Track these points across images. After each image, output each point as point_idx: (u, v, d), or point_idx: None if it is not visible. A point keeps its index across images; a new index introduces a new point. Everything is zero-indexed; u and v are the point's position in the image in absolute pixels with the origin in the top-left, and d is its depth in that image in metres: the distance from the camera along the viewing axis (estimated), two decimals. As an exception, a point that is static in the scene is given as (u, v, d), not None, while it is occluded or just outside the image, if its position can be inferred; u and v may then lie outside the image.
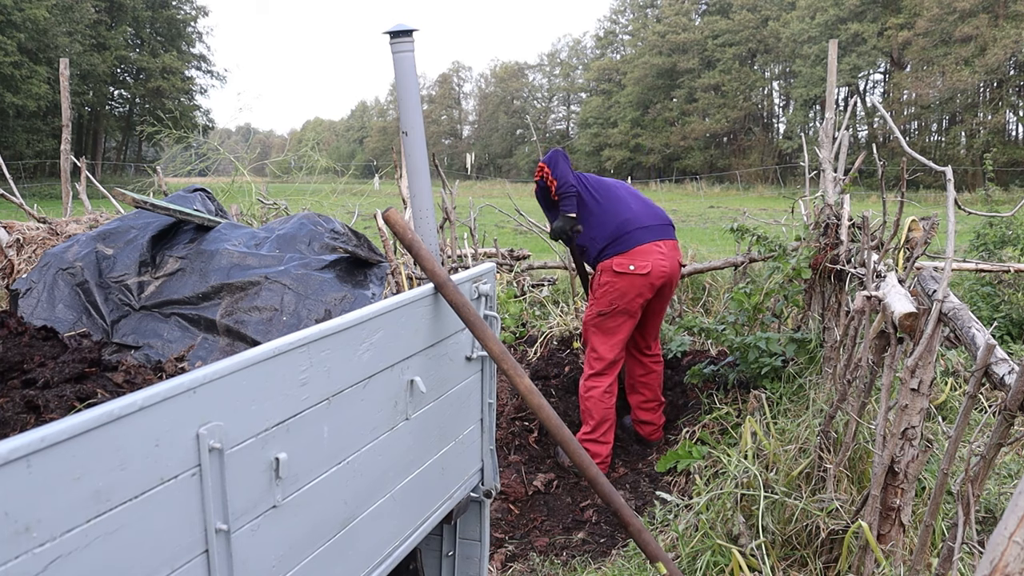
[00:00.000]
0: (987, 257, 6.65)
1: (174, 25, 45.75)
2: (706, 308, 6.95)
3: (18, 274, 3.46)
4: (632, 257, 3.98)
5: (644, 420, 4.37)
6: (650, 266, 3.98)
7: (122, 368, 1.78)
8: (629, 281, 3.98)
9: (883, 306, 2.30)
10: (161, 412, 1.12)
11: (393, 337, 1.72)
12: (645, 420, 4.37)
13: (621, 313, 4.02)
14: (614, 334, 4.06)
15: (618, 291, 3.99)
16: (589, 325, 4.14)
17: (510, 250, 7.84)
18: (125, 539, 1.07)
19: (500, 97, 61.62)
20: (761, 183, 36.16)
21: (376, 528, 1.71)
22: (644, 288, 4.01)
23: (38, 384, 1.61)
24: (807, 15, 40.48)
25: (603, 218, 4.08)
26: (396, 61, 2.21)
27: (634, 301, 4.01)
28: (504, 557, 3.45)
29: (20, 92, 32.98)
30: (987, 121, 35.97)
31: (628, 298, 3.99)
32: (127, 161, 43.82)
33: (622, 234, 4.03)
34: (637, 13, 53.94)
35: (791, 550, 2.65)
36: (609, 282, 4.01)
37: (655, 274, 4.01)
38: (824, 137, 4.62)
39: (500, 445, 4.25)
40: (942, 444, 3.04)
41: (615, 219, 4.06)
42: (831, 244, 3.93)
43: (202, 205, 3.20)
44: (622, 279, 3.97)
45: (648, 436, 4.39)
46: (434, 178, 3.58)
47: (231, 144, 30.38)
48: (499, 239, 9.10)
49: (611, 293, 4.01)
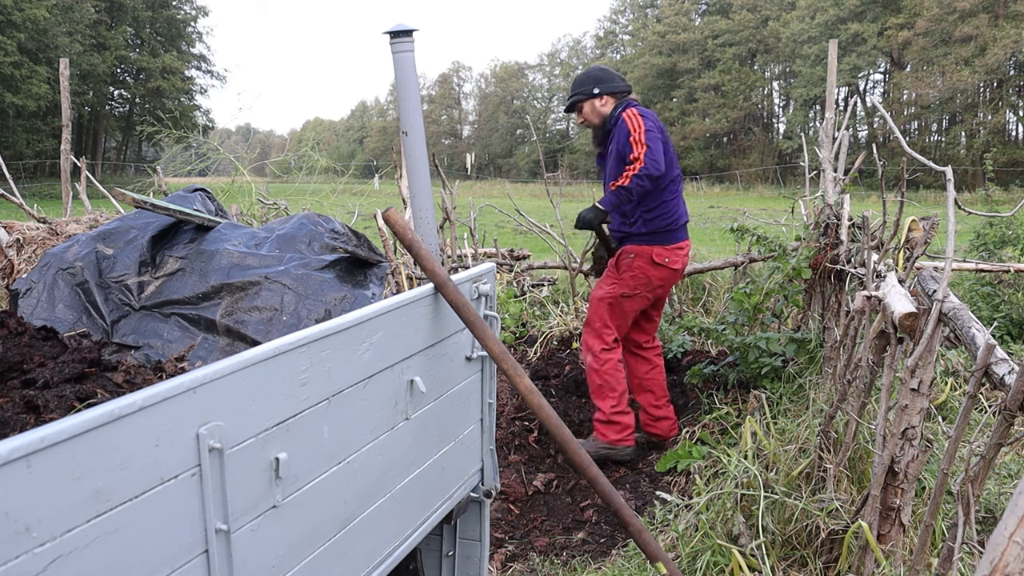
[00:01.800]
0: (987, 257, 6.65)
1: (174, 25, 45.76)
2: (706, 308, 6.95)
3: (18, 274, 3.46)
4: (672, 252, 4.02)
5: (661, 416, 4.30)
6: (681, 263, 4.07)
7: (122, 368, 1.78)
8: (661, 273, 4.02)
9: (883, 306, 2.29)
10: (161, 412, 1.12)
11: (393, 337, 1.72)
12: (662, 416, 4.30)
13: (641, 298, 4.06)
14: (627, 315, 4.09)
15: (647, 279, 4.02)
16: (605, 300, 4.07)
17: (510, 250, 7.84)
18: (125, 539, 1.07)
19: (500, 97, 61.61)
20: (761, 183, 36.15)
21: (376, 528, 1.71)
22: (669, 281, 4.11)
23: (38, 384, 1.61)
24: (807, 15, 40.48)
25: (663, 205, 3.98)
26: (396, 61, 2.21)
27: (656, 291, 4.08)
28: (504, 557, 3.45)
29: (20, 92, 32.99)
30: (987, 121, 35.97)
31: (652, 287, 4.05)
32: (127, 161, 43.82)
33: (675, 227, 4.03)
34: (637, 13, 53.95)
35: (791, 550, 2.65)
36: (642, 268, 4.00)
37: (681, 271, 4.15)
38: (824, 137, 4.62)
39: (500, 445, 4.25)
40: (942, 444, 3.04)
41: (674, 210, 4.02)
42: (831, 244, 3.93)
43: (202, 205, 3.20)
44: (657, 270, 4.00)
45: (668, 432, 4.28)
46: (434, 178, 3.58)
47: (231, 144, 30.39)
48: (499, 239, 9.09)
49: (640, 279, 4.01)
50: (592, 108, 4.07)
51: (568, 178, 39.90)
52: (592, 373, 4.10)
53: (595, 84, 4.06)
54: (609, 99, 4.05)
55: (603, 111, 4.05)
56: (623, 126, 3.88)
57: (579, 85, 4.11)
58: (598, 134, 4.13)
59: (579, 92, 4.08)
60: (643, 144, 3.76)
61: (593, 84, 4.06)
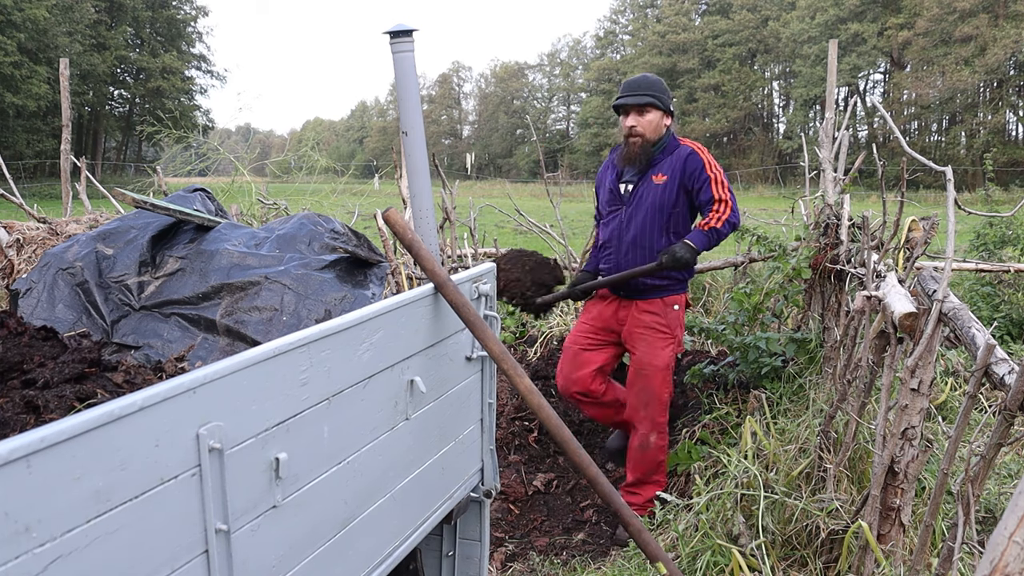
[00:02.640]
0: (987, 257, 6.65)
1: (174, 25, 45.77)
2: (706, 308, 6.95)
3: (18, 274, 3.46)
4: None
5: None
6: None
7: (122, 368, 1.78)
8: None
9: (883, 306, 2.29)
10: (161, 412, 1.12)
11: (393, 337, 1.72)
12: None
13: None
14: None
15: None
16: (670, 368, 3.59)
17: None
18: (125, 539, 1.07)
19: (500, 97, 61.62)
20: (761, 183, 36.15)
21: (376, 528, 1.71)
22: None
23: (38, 384, 1.61)
24: (807, 15, 40.50)
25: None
26: (396, 61, 2.21)
27: None
28: (504, 557, 3.45)
29: (20, 92, 33.00)
30: (987, 121, 35.99)
31: None
32: (127, 161, 43.83)
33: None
34: (637, 13, 53.97)
35: (791, 550, 2.65)
36: (679, 316, 3.61)
37: None
38: (824, 137, 4.62)
39: (500, 445, 4.25)
40: (942, 444, 3.04)
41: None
42: (831, 244, 3.93)
43: (202, 205, 3.20)
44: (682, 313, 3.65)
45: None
46: (434, 178, 3.56)
47: (231, 144, 30.40)
48: (499, 239, 9.09)
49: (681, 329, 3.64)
50: (658, 120, 3.55)
51: (568, 178, 39.92)
52: (657, 451, 3.60)
53: (669, 98, 3.59)
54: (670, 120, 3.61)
55: (662, 129, 3.57)
56: (696, 160, 3.47)
57: (656, 89, 3.54)
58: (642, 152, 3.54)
59: (656, 95, 3.52)
60: (727, 189, 3.45)
61: (668, 97, 3.58)
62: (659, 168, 3.53)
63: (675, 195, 3.49)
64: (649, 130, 3.53)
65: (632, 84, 3.61)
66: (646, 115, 3.52)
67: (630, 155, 3.57)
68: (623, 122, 3.59)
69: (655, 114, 3.53)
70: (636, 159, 3.56)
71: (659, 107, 3.52)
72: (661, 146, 3.56)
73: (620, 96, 3.59)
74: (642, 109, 3.52)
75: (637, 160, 3.56)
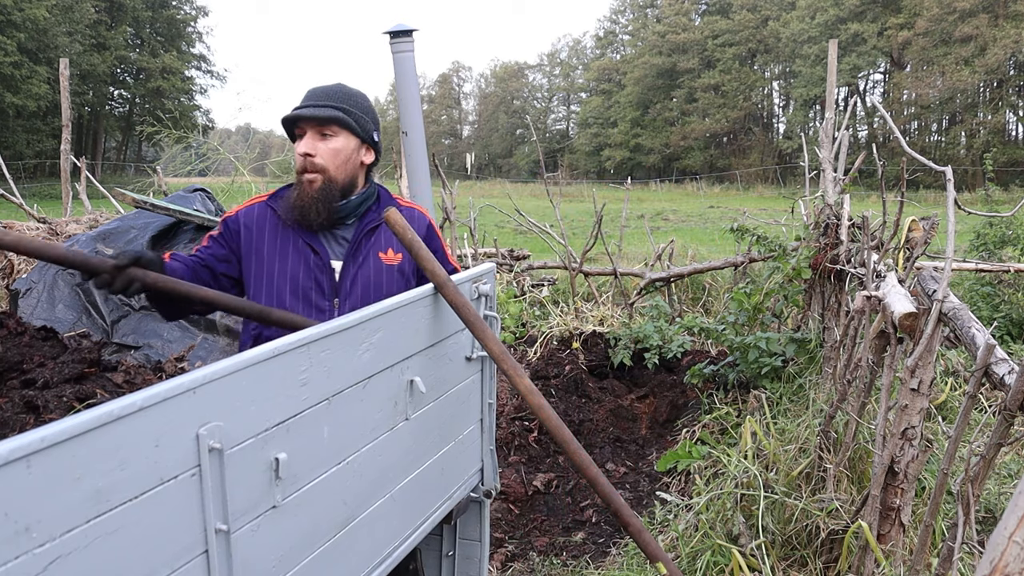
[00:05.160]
0: (987, 257, 6.65)
1: (174, 25, 45.77)
2: (706, 308, 6.95)
3: (18, 274, 3.46)
4: None
5: None
6: None
7: (122, 368, 1.78)
8: None
9: (883, 306, 2.29)
10: (161, 412, 1.12)
11: (393, 337, 1.72)
12: None
13: None
14: None
15: None
16: None
17: (510, 250, 7.84)
18: (125, 539, 1.07)
19: (500, 97, 61.62)
20: (761, 183, 36.17)
21: (376, 528, 1.70)
22: None
23: (38, 384, 1.61)
24: (807, 15, 40.50)
25: None
26: (396, 61, 2.21)
27: None
28: (504, 557, 3.45)
29: (20, 92, 33.01)
30: (987, 121, 35.99)
31: None
32: (127, 161, 43.84)
33: None
34: (637, 13, 53.96)
35: (791, 550, 2.65)
36: None
37: None
38: (824, 137, 4.62)
39: (500, 445, 4.25)
40: (942, 444, 3.04)
41: None
42: (831, 244, 3.93)
43: (202, 205, 3.20)
44: None
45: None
46: (434, 178, 3.57)
47: (231, 144, 30.36)
48: (499, 239, 9.09)
49: None
50: (356, 152, 2.14)
51: (568, 178, 39.92)
52: None
53: (376, 125, 2.21)
54: (372, 155, 2.19)
55: (358, 166, 2.16)
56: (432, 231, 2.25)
57: (362, 109, 2.16)
58: (329, 197, 2.07)
59: (357, 114, 2.13)
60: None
61: (375, 123, 2.21)
62: (369, 229, 2.16)
63: (394, 274, 2.17)
64: (338, 166, 2.10)
65: (317, 92, 2.15)
66: (332, 137, 2.09)
67: (302, 203, 2.07)
68: (296, 148, 2.12)
69: (353, 142, 2.12)
70: (311, 210, 2.07)
71: (358, 131, 2.12)
72: (369, 201, 2.19)
73: (296, 107, 2.14)
74: (329, 122, 2.08)
75: (313, 211, 2.07)
